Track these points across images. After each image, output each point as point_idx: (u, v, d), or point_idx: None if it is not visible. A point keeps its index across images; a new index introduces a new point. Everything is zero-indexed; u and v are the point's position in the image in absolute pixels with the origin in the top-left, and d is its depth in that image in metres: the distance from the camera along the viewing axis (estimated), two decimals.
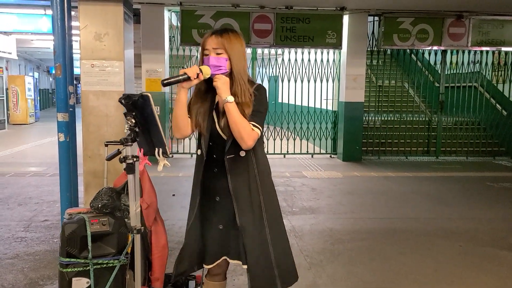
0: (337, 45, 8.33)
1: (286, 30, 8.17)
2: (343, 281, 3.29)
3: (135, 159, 2.03)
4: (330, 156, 9.15)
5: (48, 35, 10.40)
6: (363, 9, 8.23)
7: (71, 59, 3.87)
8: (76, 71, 8.74)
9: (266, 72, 8.89)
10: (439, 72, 9.38)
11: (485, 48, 8.85)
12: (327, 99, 9.16)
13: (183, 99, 1.99)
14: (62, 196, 3.74)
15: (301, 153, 9.25)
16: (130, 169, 2.02)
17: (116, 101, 2.00)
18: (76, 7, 3.92)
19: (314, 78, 9.01)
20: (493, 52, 9.22)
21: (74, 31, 4.74)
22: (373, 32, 8.80)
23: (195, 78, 1.91)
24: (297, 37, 8.21)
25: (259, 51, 9.72)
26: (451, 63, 9.40)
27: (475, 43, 8.62)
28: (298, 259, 3.57)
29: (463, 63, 9.21)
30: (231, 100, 1.92)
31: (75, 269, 2.35)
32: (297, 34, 8.20)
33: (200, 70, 1.92)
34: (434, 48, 8.72)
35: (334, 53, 8.94)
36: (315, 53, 8.92)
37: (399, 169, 7.88)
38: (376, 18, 8.61)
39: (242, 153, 2.02)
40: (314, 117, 9.14)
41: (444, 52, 9.10)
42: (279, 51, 10.20)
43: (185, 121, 2.03)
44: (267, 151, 8.14)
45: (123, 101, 1.94)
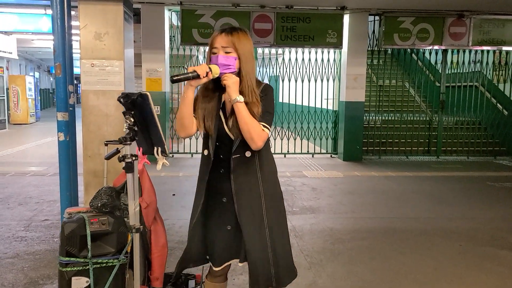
0: (338, 45, 8.32)
1: (287, 30, 8.17)
2: (343, 281, 3.29)
3: (134, 158, 2.02)
4: (331, 156, 9.15)
5: (49, 35, 10.40)
6: (364, 9, 8.22)
7: (71, 59, 3.88)
8: (76, 71, 8.73)
9: (267, 72, 8.88)
10: (440, 72, 9.37)
11: (486, 48, 8.84)
12: (328, 99, 9.16)
13: (191, 97, 1.94)
14: (62, 196, 3.74)
15: (302, 153, 9.25)
16: (129, 168, 2.01)
17: (116, 101, 1.99)
18: (76, 7, 3.92)
19: (315, 78, 9.01)
20: (494, 52, 9.21)
21: (74, 31, 4.75)
22: (374, 32, 8.79)
23: (204, 77, 1.87)
24: (298, 37, 8.21)
25: (260, 51, 9.72)
26: (452, 63, 9.39)
27: (476, 43, 8.61)
28: (298, 259, 3.57)
29: (464, 63, 9.22)
30: (242, 100, 1.89)
31: (75, 268, 2.34)
32: (298, 34, 8.20)
33: (209, 69, 1.88)
34: (435, 48, 8.70)
35: (335, 53, 8.93)
36: (316, 53, 8.92)
37: (400, 169, 7.87)
38: (377, 18, 8.59)
39: (248, 153, 2.00)
40: (315, 117, 9.13)
41: (445, 52, 9.09)
42: (280, 51, 10.18)
43: (191, 120, 1.99)
44: None
45: (122, 100, 1.94)
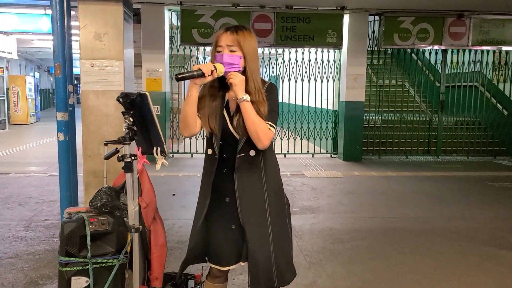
0: (338, 45, 8.32)
1: (287, 30, 8.17)
2: (343, 281, 3.29)
3: (133, 158, 2.02)
4: (331, 156, 9.15)
5: (49, 35, 10.38)
6: (364, 9, 8.22)
7: (71, 59, 3.88)
8: (76, 71, 8.73)
9: (267, 72, 8.88)
10: (440, 72, 9.37)
11: (486, 48, 8.84)
12: (328, 99, 9.16)
13: (195, 96, 1.91)
14: (62, 196, 3.75)
15: (302, 153, 9.25)
16: (128, 168, 2.01)
17: (116, 101, 1.99)
18: (76, 7, 3.93)
19: (315, 78, 9.01)
20: (494, 52, 9.21)
21: (74, 31, 4.75)
22: (374, 32, 8.79)
23: (209, 75, 1.85)
24: (298, 37, 8.21)
25: (260, 51, 9.71)
26: (452, 63, 9.39)
27: (476, 43, 8.60)
28: (298, 259, 3.57)
29: (464, 63, 9.22)
30: (248, 99, 1.87)
31: (74, 268, 2.34)
32: (298, 34, 8.20)
33: (214, 67, 1.86)
34: (435, 48, 8.70)
35: (335, 53, 8.93)
36: (316, 53, 8.92)
37: (400, 169, 7.87)
38: (377, 18, 8.59)
39: (252, 152, 1.98)
40: (315, 117, 9.13)
41: (445, 52, 9.09)
42: (280, 51, 10.19)
43: (195, 119, 1.97)
44: None
45: (121, 100, 1.94)
